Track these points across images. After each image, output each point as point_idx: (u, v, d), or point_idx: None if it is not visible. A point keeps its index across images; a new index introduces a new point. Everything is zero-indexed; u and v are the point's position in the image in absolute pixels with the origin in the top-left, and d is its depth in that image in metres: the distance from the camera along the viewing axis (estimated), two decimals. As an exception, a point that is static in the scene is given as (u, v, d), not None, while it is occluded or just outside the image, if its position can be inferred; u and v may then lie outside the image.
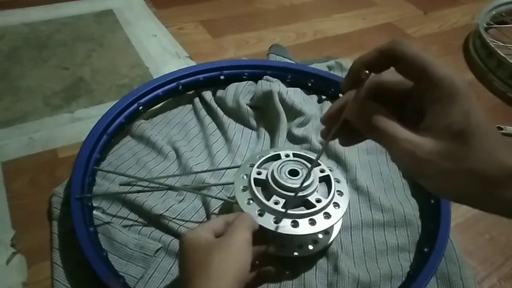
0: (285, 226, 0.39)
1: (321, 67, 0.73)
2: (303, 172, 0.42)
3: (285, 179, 0.42)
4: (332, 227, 0.44)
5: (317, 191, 0.42)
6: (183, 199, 0.50)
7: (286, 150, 0.47)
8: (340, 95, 0.30)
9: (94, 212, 0.46)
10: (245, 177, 0.43)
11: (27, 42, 0.78)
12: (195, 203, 0.50)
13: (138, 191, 0.50)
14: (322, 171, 0.44)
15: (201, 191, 0.50)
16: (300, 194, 0.40)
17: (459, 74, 0.24)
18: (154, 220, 0.47)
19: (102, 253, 0.42)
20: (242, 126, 0.62)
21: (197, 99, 0.64)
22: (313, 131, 0.60)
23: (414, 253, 0.46)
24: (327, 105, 0.65)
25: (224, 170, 0.54)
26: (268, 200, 0.40)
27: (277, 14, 0.95)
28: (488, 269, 0.47)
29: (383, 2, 1.03)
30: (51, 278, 0.42)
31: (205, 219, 0.48)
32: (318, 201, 0.41)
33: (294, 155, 0.46)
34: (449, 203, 0.48)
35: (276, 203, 0.40)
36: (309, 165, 0.43)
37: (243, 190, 0.42)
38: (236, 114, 0.62)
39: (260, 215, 0.40)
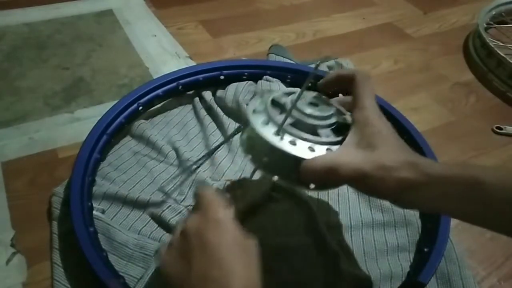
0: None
1: (321, 67, 0.73)
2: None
3: (310, 107, 0.38)
4: None
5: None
6: (184, 198, 0.50)
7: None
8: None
9: (94, 212, 0.46)
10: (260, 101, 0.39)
11: (27, 42, 0.78)
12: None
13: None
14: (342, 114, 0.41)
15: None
16: (325, 122, 0.38)
17: (374, 106, 0.37)
18: (154, 220, 0.47)
19: (102, 253, 0.42)
20: (242, 126, 0.62)
21: (197, 99, 0.64)
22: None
23: (414, 253, 0.46)
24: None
25: (225, 170, 0.54)
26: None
27: (277, 14, 0.95)
28: (488, 269, 0.47)
29: (383, 2, 1.03)
30: (51, 278, 0.42)
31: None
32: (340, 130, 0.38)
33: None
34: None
35: (300, 130, 0.36)
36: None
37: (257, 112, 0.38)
38: (236, 114, 0.62)
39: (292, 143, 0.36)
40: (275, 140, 0.36)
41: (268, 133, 0.36)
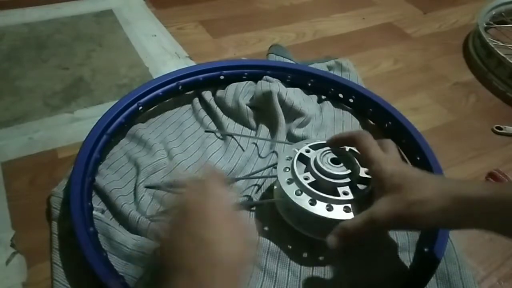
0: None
1: (321, 67, 0.73)
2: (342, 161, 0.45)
3: (331, 167, 0.44)
4: None
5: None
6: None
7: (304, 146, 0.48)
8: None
9: (94, 212, 0.46)
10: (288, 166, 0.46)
11: (27, 42, 0.78)
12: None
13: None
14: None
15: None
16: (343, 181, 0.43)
17: (381, 154, 0.40)
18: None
19: (102, 253, 0.42)
20: (242, 126, 0.62)
21: (196, 99, 0.64)
22: (312, 131, 0.60)
23: (414, 253, 0.46)
24: (327, 105, 0.65)
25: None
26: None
27: (277, 14, 0.95)
28: (488, 269, 0.47)
29: (383, 2, 1.03)
30: (51, 278, 0.42)
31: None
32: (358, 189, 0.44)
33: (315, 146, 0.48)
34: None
35: (345, 193, 0.42)
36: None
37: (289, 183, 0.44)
38: (236, 115, 0.62)
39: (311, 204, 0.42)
40: (296, 200, 0.42)
41: (291, 192, 0.43)
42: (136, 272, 0.42)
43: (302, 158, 0.46)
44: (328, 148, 0.46)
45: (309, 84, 0.67)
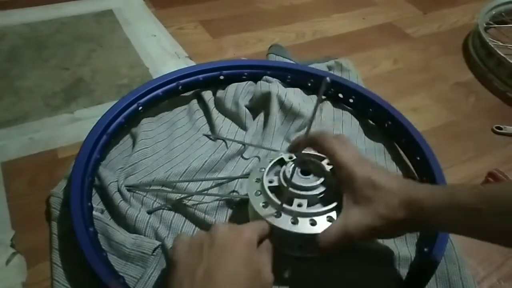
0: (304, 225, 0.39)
1: (321, 67, 0.73)
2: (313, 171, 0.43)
3: (301, 180, 0.42)
4: None
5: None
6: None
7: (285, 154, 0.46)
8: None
9: (94, 212, 0.46)
10: (257, 181, 0.44)
11: (27, 42, 0.78)
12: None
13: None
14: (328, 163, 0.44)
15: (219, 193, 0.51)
16: (319, 191, 0.41)
17: (349, 156, 0.39)
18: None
19: (102, 254, 0.42)
20: (237, 128, 0.61)
21: (195, 100, 0.64)
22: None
23: (414, 253, 0.46)
24: (327, 105, 0.65)
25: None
26: (289, 204, 0.40)
27: (277, 14, 0.95)
28: (487, 269, 0.47)
29: (383, 2, 1.03)
30: (51, 279, 0.42)
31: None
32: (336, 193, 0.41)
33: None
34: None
35: (300, 205, 0.40)
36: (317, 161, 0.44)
37: (257, 195, 0.42)
38: (233, 116, 0.62)
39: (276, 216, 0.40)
40: (277, 223, 0.39)
41: (270, 215, 0.40)
42: (136, 272, 0.42)
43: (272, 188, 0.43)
44: (291, 160, 0.44)
45: (309, 84, 0.67)
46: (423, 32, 0.92)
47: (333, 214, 0.40)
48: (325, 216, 0.39)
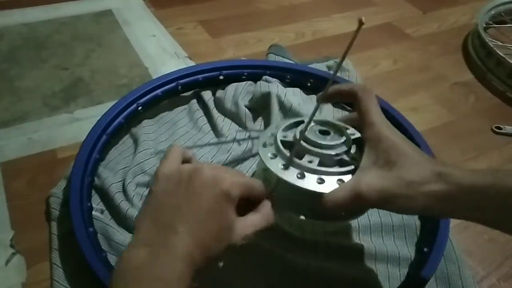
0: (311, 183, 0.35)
1: (321, 67, 0.73)
2: (332, 133, 0.40)
3: (317, 136, 0.38)
4: None
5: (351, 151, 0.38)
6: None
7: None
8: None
9: (93, 212, 0.46)
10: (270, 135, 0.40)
11: (26, 42, 0.78)
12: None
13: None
14: (352, 133, 0.40)
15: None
16: (335, 152, 0.37)
17: (383, 120, 0.36)
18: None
19: (102, 254, 0.42)
20: (238, 128, 0.61)
21: (194, 100, 0.64)
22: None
23: (414, 253, 0.46)
24: (327, 105, 0.65)
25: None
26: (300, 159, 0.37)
27: (276, 14, 0.95)
28: (487, 268, 0.47)
29: (382, 2, 1.03)
30: (51, 279, 0.42)
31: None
32: (354, 159, 0.37)
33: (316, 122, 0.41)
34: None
35: (310, 161, 0.36)
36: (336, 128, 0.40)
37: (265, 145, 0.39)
38: (233, 116, 0.62)
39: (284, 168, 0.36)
40: (282, 174, 0.36)
41: (276, 167, 0.36)
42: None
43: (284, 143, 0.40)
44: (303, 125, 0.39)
45: (309, 84, 0.67)
46: (423, 32, 0.92)
47: (346, 178, 0.35)
48: (335, 177, 0.35)
